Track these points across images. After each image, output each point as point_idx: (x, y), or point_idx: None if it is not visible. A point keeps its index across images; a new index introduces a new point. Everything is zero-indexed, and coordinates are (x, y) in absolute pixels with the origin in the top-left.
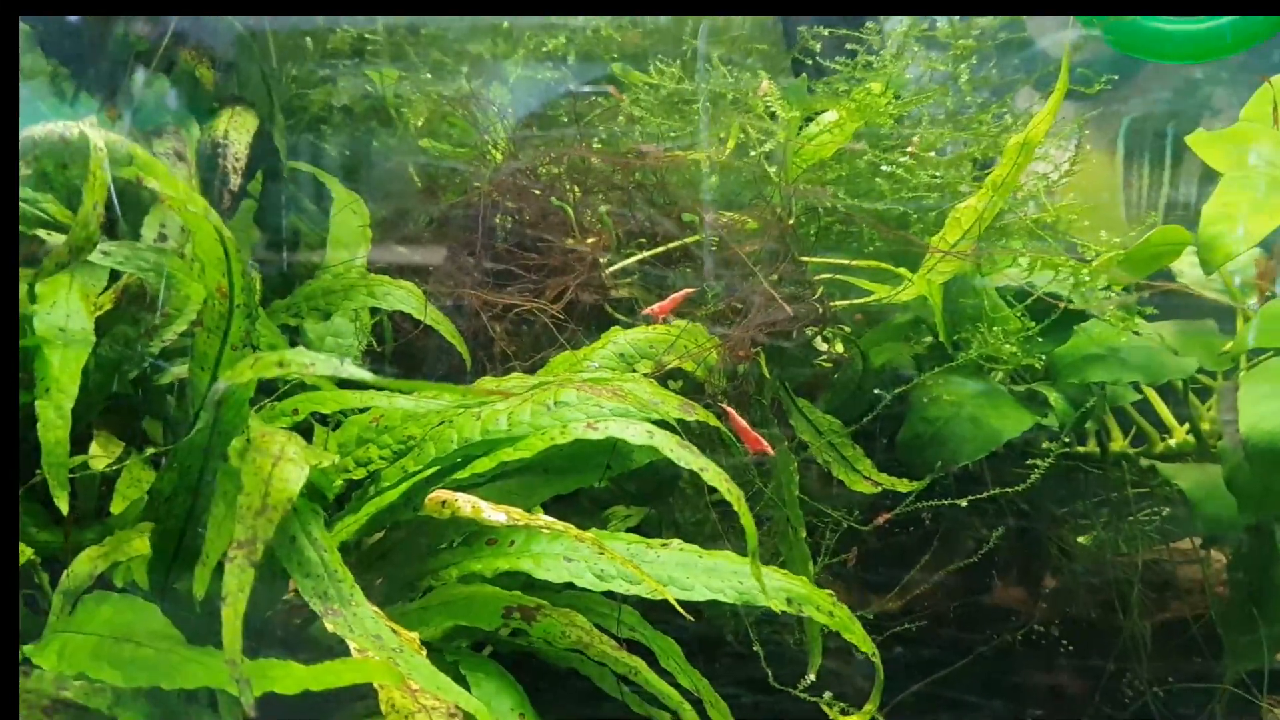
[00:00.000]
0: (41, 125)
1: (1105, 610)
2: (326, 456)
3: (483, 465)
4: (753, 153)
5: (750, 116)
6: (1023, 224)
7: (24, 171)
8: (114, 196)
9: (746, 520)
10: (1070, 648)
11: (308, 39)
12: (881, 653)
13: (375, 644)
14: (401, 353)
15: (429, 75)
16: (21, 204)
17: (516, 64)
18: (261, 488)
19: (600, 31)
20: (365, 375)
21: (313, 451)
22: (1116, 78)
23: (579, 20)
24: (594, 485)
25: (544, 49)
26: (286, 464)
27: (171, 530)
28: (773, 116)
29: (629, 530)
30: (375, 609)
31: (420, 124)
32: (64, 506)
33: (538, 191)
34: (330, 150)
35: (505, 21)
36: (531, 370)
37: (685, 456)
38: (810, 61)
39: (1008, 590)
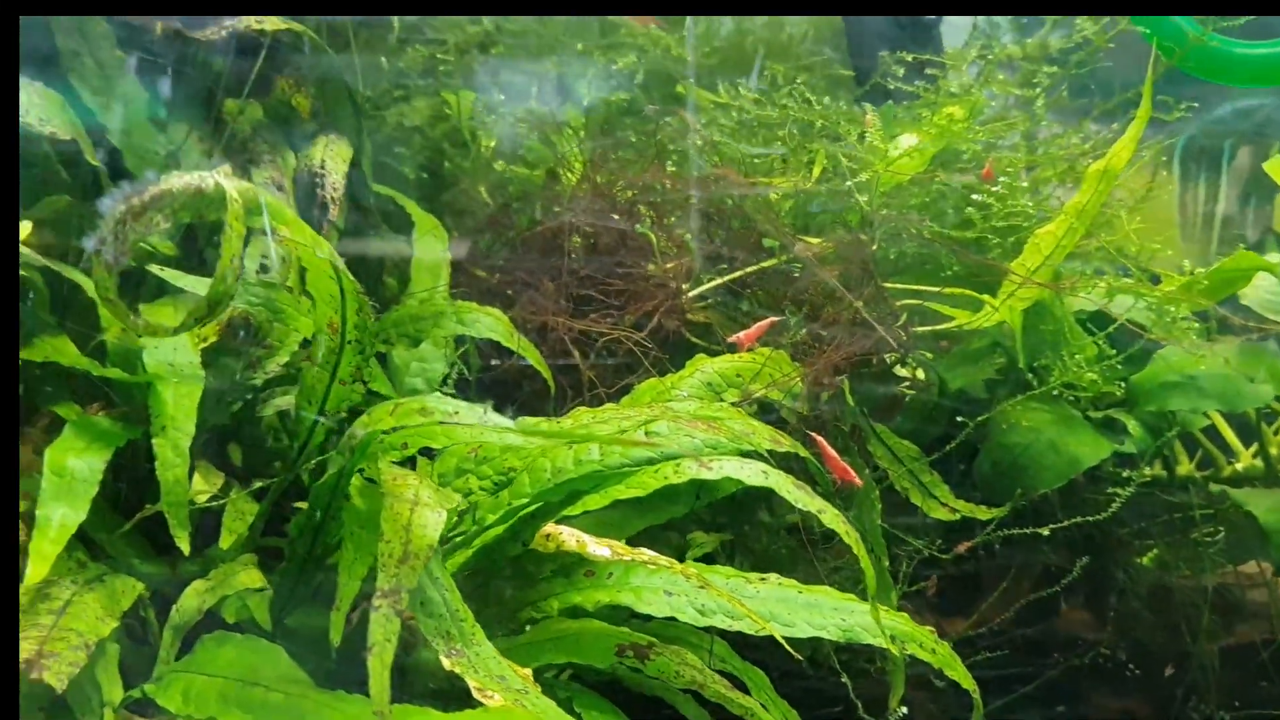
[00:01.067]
0: (177, 177)
1: (1172, 634)
2: (452, 498)
3: (595, 502)
4: (847, 182)
5: (840, 146)
6: (1100, 249)
7: (163, 225)
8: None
9: (866, 565)
10: (1137, 671)
11: (382, 59)
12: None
13: (500, 685)
14: (483, 376)
15: (501, 96)
16: None
17: (589, 84)
18: (402, 535)
19: (670, 51)
20: (505, 422)
21: (443, 494)
22: (1196, 104)
23: (645, 40)
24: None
25: (614, 67)
26: (423, 509)
27: (293, 570)
28: (861, 138)
29: (703, 556)
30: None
31: (493, 145)
32: (185, 546)
33: (616, 215)
34: (407, 172)
35: (579, 44)
36: (616, 396)
37: (801, 498)
38: (892, 85)
39: (1074, 614)
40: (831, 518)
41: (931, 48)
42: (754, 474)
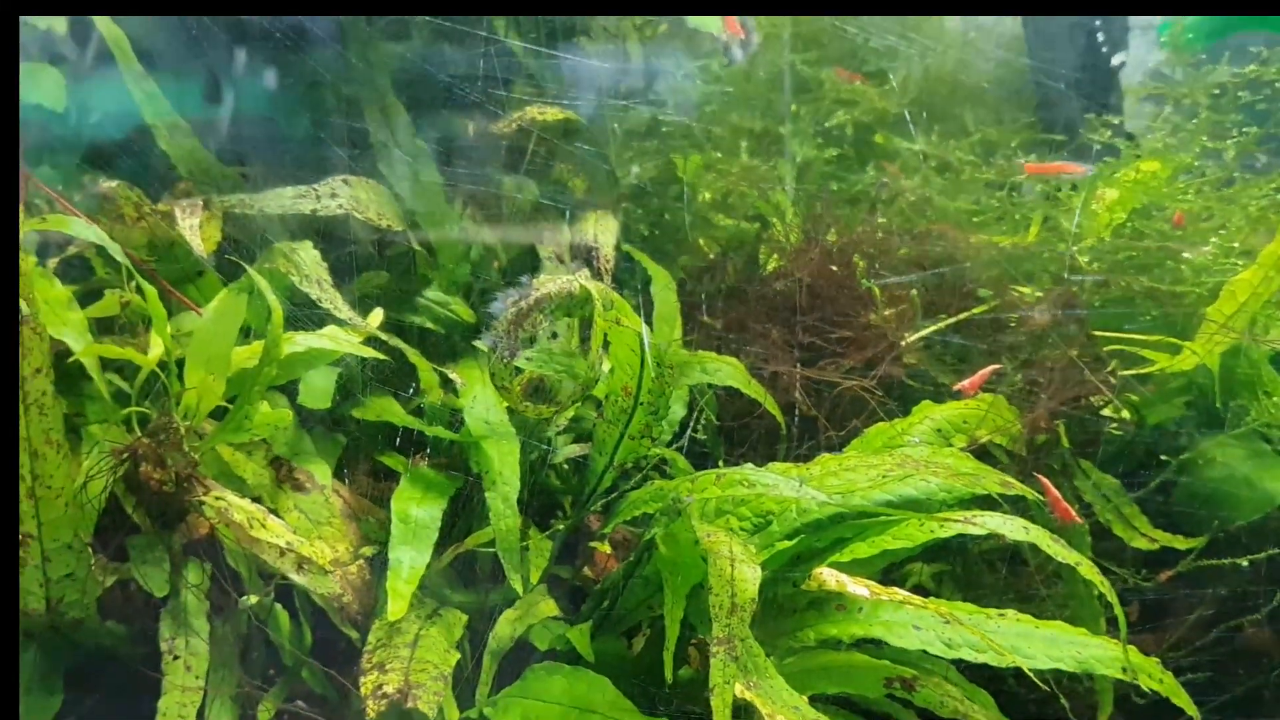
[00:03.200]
0: (552, 281)
1: None
2: (751, 554)
3: (863, 551)
4: (1071, 246)
5: (1062, 209)
6: None
7: (544, 322)
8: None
9: (1119, 612)
10: None
11: (615, 125)
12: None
13: (795, 715)
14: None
15: (718, 154)
16: (433, 305)
17: (801, 143)
18: (728, 589)
19: (873, 103)
20: (820, 495)
21: (749, 551)
22: None
23: (849, 94)
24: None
25: (825, 125)
26: (741, 565)
27: (606, 607)
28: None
29: (915, 585)
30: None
31: (711, 198)
32: (519, 588)
33: (835, 267)
34: (642, 229)
35: (794, 104)
36: (845, 440)
37: (1060, 551)
38: (1098, 145)
39: (1257, 634)
40: (1088, 569)
41: (1114, 93)
42: (1016, 529)
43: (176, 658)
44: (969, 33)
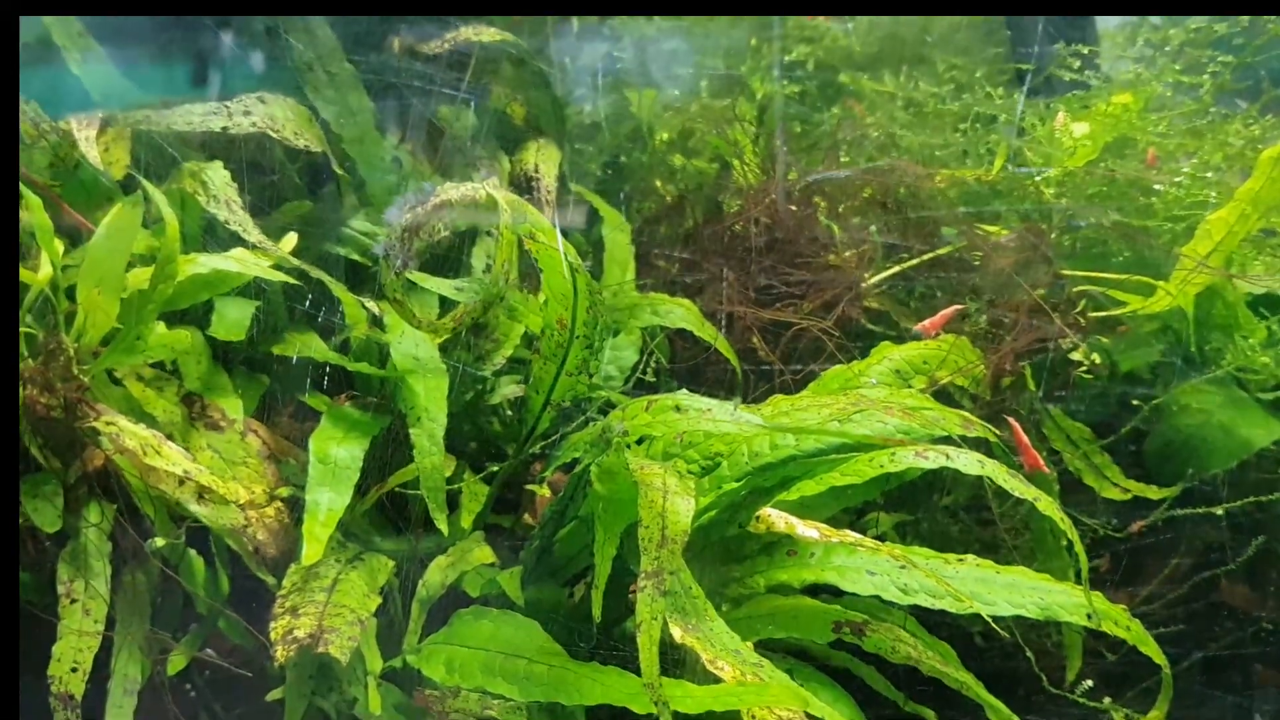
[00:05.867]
0: (454, 188)
1: None
2: (688, 486)
3: (810, 488)
4: (1037, 175)
5: (1028, 141)
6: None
7: (443, 233)
8: None
9: (1079, 549)
10: None
11: (567, 60)
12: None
13: (735, 659)
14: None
15: (676, 92)
16: (360, 236)
17: (760, 78)
18: (658, 521)
19: (838, 41)
20: (756, 421)
21: (685, 483)
22: None
23: (812, 31)
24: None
25: (784, 59)
26: (674, 497)
27: (536, 549)
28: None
29: (877, 536)
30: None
31: (667, 138)
32: (444, 528)
33: (794, 207)
34: (594, 168)
35: (753, 39)
36: (803, 383)
37: (1017, 486)
38: (1068, 77)
39: (1235, 588)
40: (1046, 505)
41: (1089, 32)
42: (970, 463)
43: (74, 601)
44: None
